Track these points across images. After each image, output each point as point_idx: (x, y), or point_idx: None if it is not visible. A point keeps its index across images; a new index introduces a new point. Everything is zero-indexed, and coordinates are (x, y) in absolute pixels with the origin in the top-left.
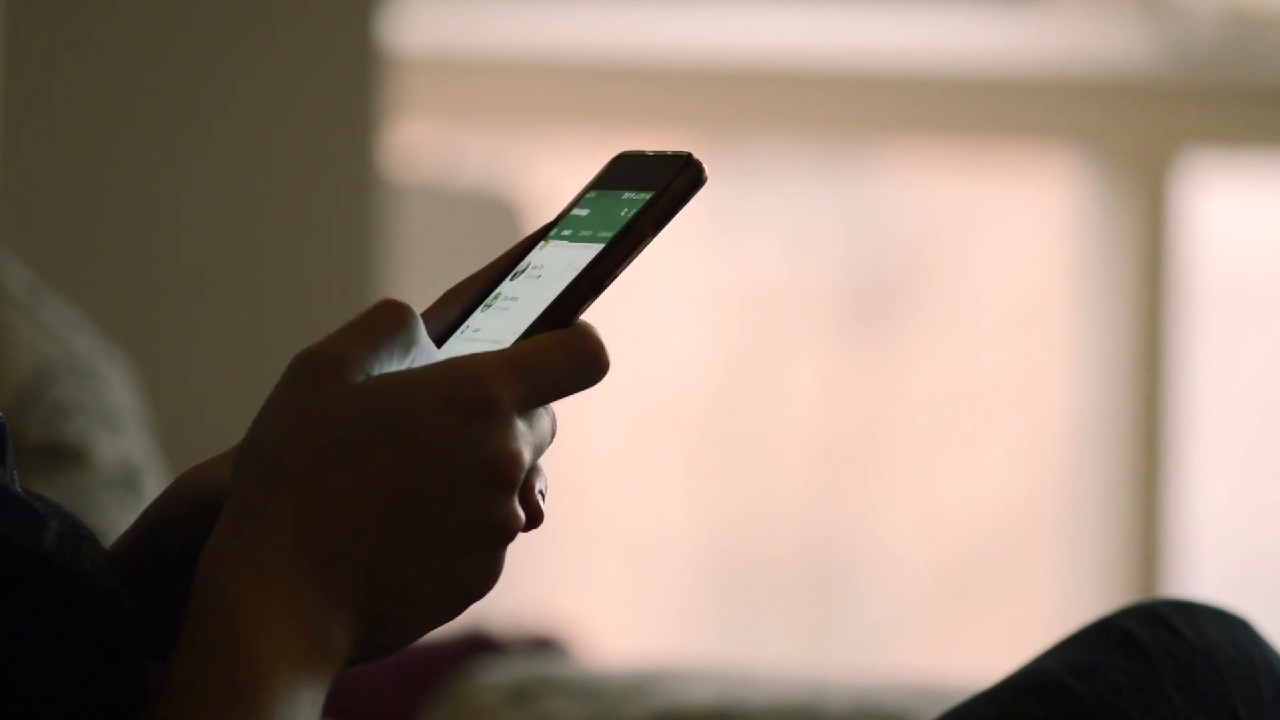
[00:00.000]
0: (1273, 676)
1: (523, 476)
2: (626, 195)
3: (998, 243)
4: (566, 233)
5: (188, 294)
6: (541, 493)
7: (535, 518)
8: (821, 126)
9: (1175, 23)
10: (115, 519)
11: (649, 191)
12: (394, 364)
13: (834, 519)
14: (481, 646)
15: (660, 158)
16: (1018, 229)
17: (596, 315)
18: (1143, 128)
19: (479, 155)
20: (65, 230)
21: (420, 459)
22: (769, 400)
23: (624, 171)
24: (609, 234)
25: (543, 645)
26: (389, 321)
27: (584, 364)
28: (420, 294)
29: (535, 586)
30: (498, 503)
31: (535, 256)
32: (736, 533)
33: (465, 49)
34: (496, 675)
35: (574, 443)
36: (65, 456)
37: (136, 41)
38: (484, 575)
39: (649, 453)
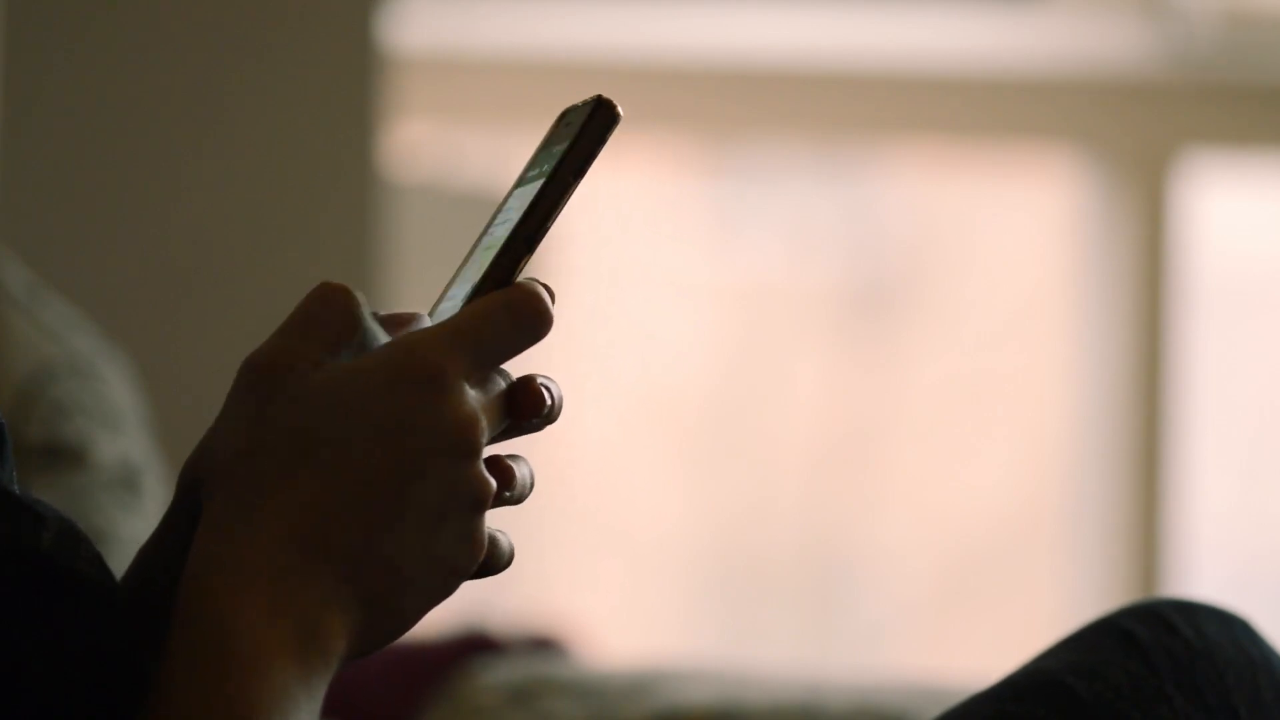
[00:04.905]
0: (1273, 676)
1: (484, 440)
2: (556, 149)
3: (997, 243)
4: (517, 193)
5: (188, 294)
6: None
7: (509, 483)
8: (821, 126)
9: (1175, 23)
10: (115, 519)
11: (568, 141)
12: (343, 350)
13: (834, 519)
14: (481, 646)
15: (582, 106)
16: (1017, 229)
17: (596, 314)
18: (1143, 128)
19: (479, 155)
20: (65, 230)
21: (381, 440)
22: (769, 400)
23: (559, 126)
24: (537, 189)
25: (543, 645)
26: (326, 309)
27: (524, 321)
28: (420, 294)
29: (535, 586)
30: (463, 469)
31: (495, 220)
32: (736, 533)
33: (465, 49)
34: (496, 675)
35: (574, 442)
36: (65, 456)
37: (136, 41)
38: (467, 546)
39: (649, 452)
